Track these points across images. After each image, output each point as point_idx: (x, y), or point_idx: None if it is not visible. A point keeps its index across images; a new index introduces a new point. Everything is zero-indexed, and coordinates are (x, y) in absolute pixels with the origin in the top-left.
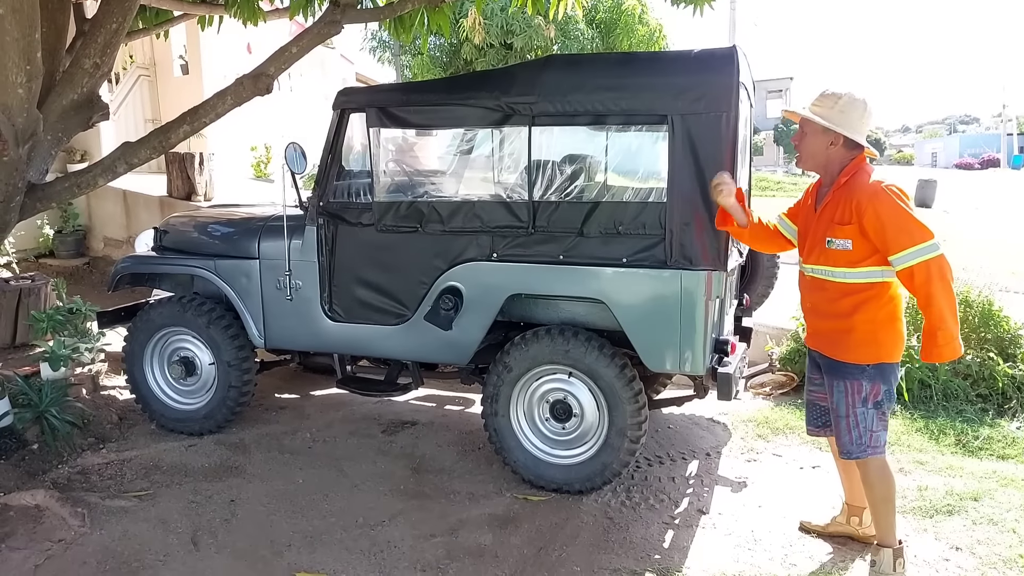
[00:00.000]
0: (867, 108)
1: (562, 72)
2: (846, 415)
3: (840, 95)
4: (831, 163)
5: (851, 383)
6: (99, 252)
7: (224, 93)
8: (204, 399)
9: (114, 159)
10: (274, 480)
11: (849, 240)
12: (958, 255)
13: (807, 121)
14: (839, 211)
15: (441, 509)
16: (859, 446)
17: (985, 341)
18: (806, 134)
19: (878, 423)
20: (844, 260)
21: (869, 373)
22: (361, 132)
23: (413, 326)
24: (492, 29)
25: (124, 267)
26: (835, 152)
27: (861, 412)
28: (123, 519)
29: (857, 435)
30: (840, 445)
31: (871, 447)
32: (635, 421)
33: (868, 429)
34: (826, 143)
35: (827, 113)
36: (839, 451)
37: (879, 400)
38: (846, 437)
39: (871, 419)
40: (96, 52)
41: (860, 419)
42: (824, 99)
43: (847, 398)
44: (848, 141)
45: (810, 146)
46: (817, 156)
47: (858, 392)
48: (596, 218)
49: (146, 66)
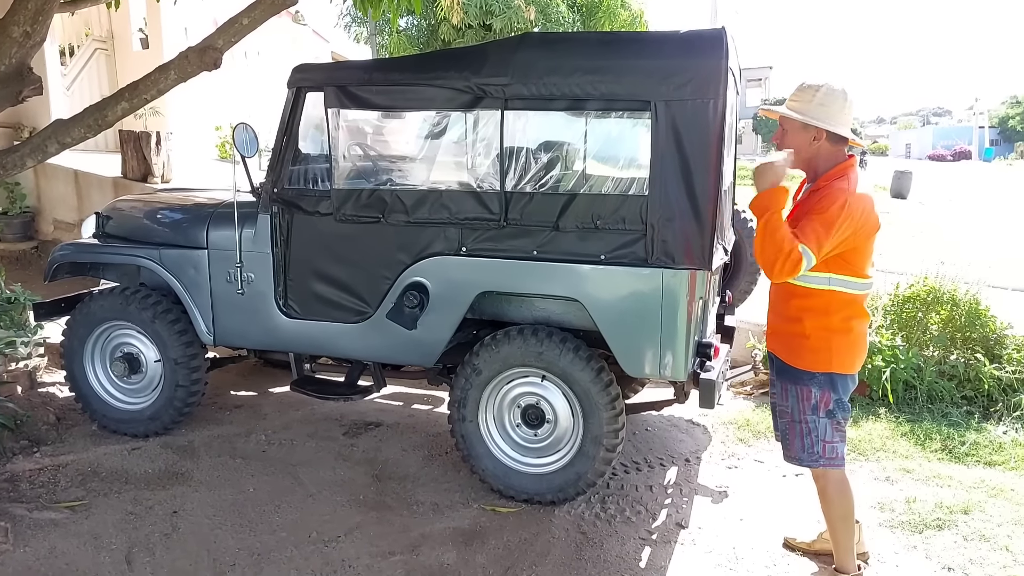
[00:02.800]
0: (847, 98)
1: (537, 52)
2: (799, 420)
3: (818, 87)
4: (817, 159)
5: (801, 389)
6: (49, 236)
7: (167, 67)
8: (149, 399)
9: (44, 138)
10: (222, 489)
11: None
12: (936, 248)
13: (787, 118)
14: (804, 211)
15: (402, 522)
16: (810, 455)
17: (971, 341)
18: (787, 132)
19: (833, 433)
20: None
21: (819, 380)
22: (319, 113)
23: (375, 324)
24: (471, 9)
25: (62, 255)
26: (820, 148)
27: (812, 420)
28: (51, 534)
29: (809, 443)
30: (790, 451)
31: (825, 458)
32: (611, 428)
33: (821, 439)
34: (809, 139)
35: (806, 108)
36: (785, 456)
37: (831, 409)
38: (796, 443)
39: (823, 428)
40: (26, 19)
41: (812, 427)
42: (802, 92)
43: (799, 403)
44: (831, 135)
45: (792, 143)
46: (801, 153)
47: (807, 399)
48: (572, 211)
49: (103, 39)
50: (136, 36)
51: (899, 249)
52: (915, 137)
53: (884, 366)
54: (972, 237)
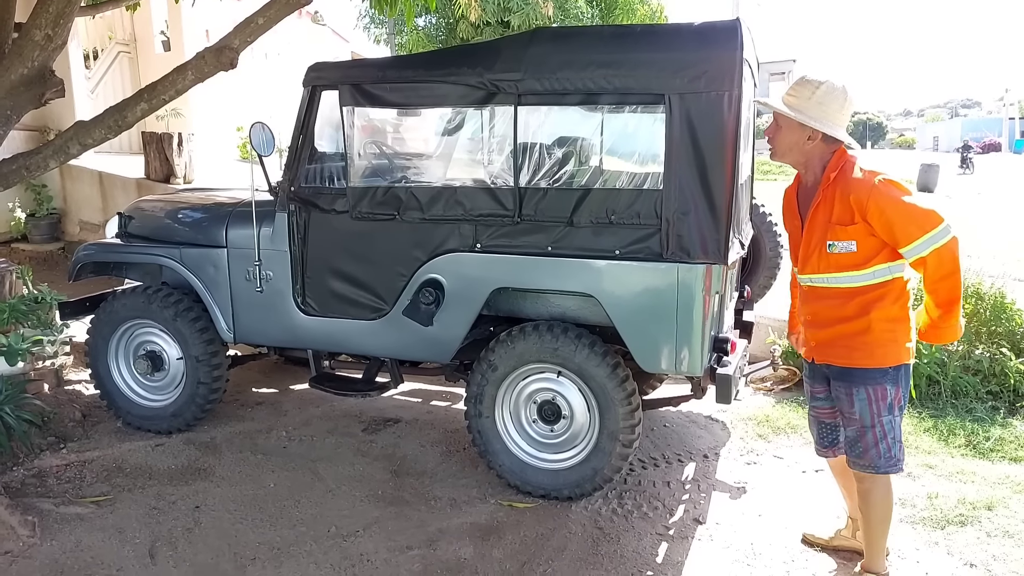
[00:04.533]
0: (847, 97)
1: (550, 47)
2: (872, 425)
3: (818, 84)
4: (812, 159)
5: (875, 389)
6: (75, 236)
7: (184, 68)
8: (172, 396)
9: (66, 139)
10: (243, 484)
11: (853, 241)
12: (964, 243)
13: (782, 114)
14: (836, 211)
15: (420, 517)
16: (888, 459)
17: (996, 335)
18: (781, 127)
19: (901, 431)
20: (849, 263)
21: (891, 376)
22: (335, 111)
23: (391, 321)
24: (488, 6)
25: (86, 255)
26: (814, 147)
27: (888, 420)
28: (77, 528)
29: (886, 447)
30: (865, 459)
31: (899, 460)
32: (628, 424)
33: (897, 440)
34: (803, 137)
35: (803, 105)
36: (865, 466)
37: (902, 405)
38: (873, 451)
39: (897, 427)
40: (48, 23)
41: (888, 428)
42: (800, 88)
43: (871, 407)
44: (827, 135)
45: (786, 140)
46: (795, 151)
47: (883, 398)
48: (587, 206)
49: (126, 42)
50: (158, 39)
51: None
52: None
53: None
54: (999, 230)
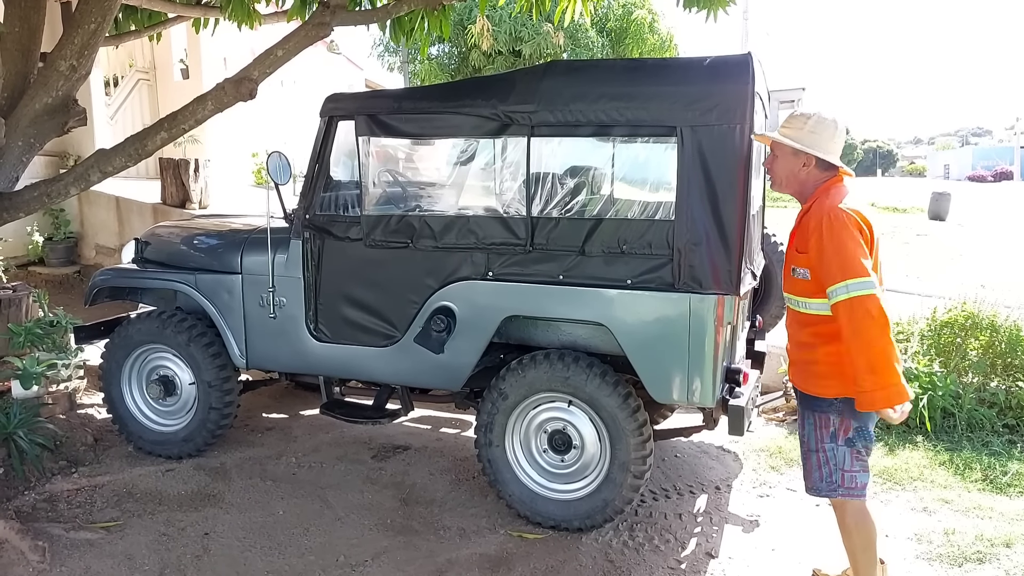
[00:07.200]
0: (837, 127)
1: (563, 79)
2: (816, 450)
3: (809, 115)
4: (806, 185)
5: (819, 416)
6: (91, 260)
7: (204, 98)
8: (184, 420)
9: (87, 167)
10: (253, 511)
11: (807, 269)
12: (976, 271)
13: (778, 144)
14: (800, 238)
15: (429, 547)
16: (828, 484)
17: (1012, 368)
18: (777, 157)
19: (853, 462)
20: (804, 290)
21: (837, 407)
22: (350, 140)
23: (403, 348)
24: (500, 36)
25: (102, 280)
26: (808, 174)
27: (831, 448)
28: (87, 554)
29: (827, 472)
30: (808, 482)
31: (844, 487)
32: (639, 455)
33: (839, 468)
34: (798, 165)
35: (797, 135)
36: (805, 488)
37: (850, 437)
38: (816, 473)
39: (842, 457)
40: (73, 54)
41: (830, 455)
42: (793, 120)
43: (816, 432)
44: (821, 162)
45: (783, 169)
46: (791, 179)
47: (825, 426)
48: (599, 236)
49: (145, 70)
50: (177, 67)
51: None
52: (954, 157)
53: (921, 393)
54: (1014, 260)
